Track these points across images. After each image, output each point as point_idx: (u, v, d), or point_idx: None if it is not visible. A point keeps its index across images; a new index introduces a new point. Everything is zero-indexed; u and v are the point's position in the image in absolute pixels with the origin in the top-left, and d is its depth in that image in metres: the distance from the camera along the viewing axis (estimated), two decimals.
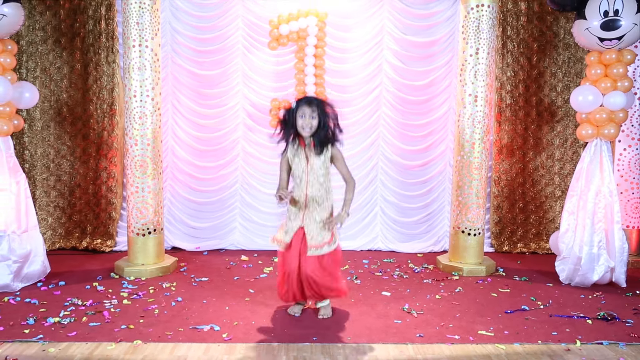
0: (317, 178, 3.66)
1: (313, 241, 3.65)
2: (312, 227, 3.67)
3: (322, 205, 3.69)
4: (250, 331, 3.57)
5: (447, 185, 5.89)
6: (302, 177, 3.67)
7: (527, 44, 5.69)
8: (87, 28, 5.50)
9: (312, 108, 3.58)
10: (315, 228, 3.67)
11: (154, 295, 4.28)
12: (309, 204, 3.68)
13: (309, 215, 3.68)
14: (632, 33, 4.34)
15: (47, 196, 5.66)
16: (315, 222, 3.67)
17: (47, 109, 5.59)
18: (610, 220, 4.59)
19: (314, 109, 3.58)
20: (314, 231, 3.66)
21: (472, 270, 4.97)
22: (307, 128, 3.60)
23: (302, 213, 3.69)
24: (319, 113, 3.59)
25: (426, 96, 5.78)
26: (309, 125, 3.59)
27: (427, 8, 5.64)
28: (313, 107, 3.58)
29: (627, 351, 3.36)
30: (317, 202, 3.68)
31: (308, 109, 3.58)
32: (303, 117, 3.59)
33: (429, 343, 3.42)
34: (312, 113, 3.58)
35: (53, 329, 3.56)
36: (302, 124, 3.59)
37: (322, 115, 3.60)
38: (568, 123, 5.80)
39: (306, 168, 3.66)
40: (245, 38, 5.65)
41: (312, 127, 3.60)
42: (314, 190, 3.67)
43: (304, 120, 3.58)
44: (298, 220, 3.70)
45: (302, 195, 3.68)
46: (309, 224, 3.67)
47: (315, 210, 3.68)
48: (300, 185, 3.68)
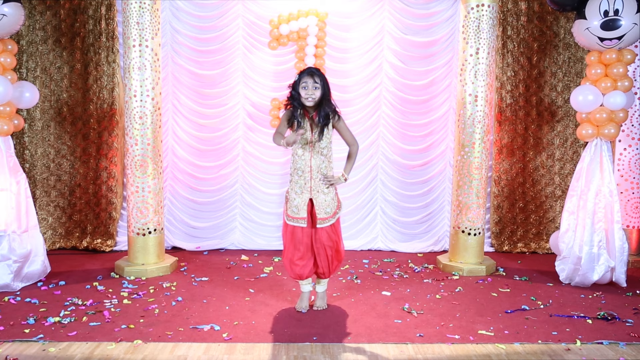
0: (321, 150, 3.75)
1: (323, 213, 3.78)
2: (321, 199, 3.78)
3: (326, 175, 3.79)
4: (250, 331, 3.58)
5: (447, 185, 5.89)
6: (306, 147, 3.75)
7: (528, 44, 5.69)
8: (87, 28, 5.50)
9: (315, 79, 3.66)
10: (324, 200, 3.78)
11: (154, 295, 4.28)
12: (314, 175, 3.76)
13: (315, 188, 3.77)
14: (632, 33, 4.34)
15: (47, 196, 5.67)
16: (323, 193, 3.78)
17: (48, 109, 5.59)
18: (610, 220, 4.59)
19: (316, 80, 3.66)
20: (322, 204, 3.78)
21: (472, 270, 4.98)
22: (310, 98, 3.66)
23: (308, 186, 3.77)
24: (321, 84, 3.67)
25: (426, 96, 5.78)
26: (312, 95, 3.66)
27: (427, 8, 5.64)
28: (315, 77, 3.66)
29: (627, 351, 3.36)
30: (322, 173, 3.77)
31: (310, 79, 3.66)
32: (306, 88, 3.66)
33: (429, 343, 3.43)
34: (314, 83, 3.65)
35: (53, 328, 3.56)
36: (306, 95, 3.66)
37: (324, 86, 3.69)
38: (568, 123, 5.80)
39: (311, 138, 3.73)
40: (245, 38, 5.65)
41: (316, 97, 3.67)
42: (318, 162, 3.76)
43: (307, 91, 3.66)
44: (307, 193, 3.78)
45: (307, 166, 3.76)
46: (317, 197, 3.78)
47: (320, 181, 3.77)
48: (304, 156, 3.77)
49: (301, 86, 3.68)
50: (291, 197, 3.82)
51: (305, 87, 3.66)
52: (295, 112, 3.74)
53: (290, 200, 3.83)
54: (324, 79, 3.72)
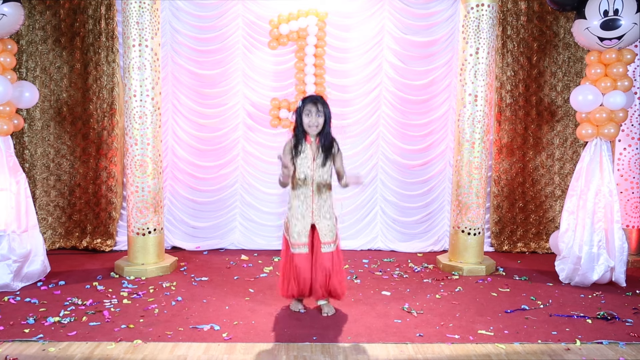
0: (322, 175, 3.77)
1: (326, 238, 3.77)
2: (323, 224, 3.78)
3: (327, 201, 3.81)
4: (250, 331, 3.58)
5: (447, 185, 5.89)
6: (308, 173, 3.75)
7: (527, 44, 5.69)
8: (87, 27, 5.50)
9: (318, 107, 3.68)
10: (326, 226, 3.78)
11: (154, 295, 4.28)
12: (315, 199, 3.77)
13: (318, 213, 3.78)
14: (632, 32, 4.34)
15: (47, 196, 5.67)
16: (326, 219, 3.78)
17: (47, 109, 5.59)
18: (610, 219, 4.59)
19: (319, 108, 3.68)
20: (325, 229, 3.77)
21: (472, 269, 4.98)
22: (313, 126, 3.69)
23: (310, 211, 3.77)
24: (324, 111, 3.70)
25: (426, 96, 5.78)
26: (315, 123, 3.68)
27: (427, 7, 5.64)
28: (319, 105, 3.69)
29: (627, 350, 3.36)
30: (323, 199, 3.79)
31: (314, 107, 3.68)
32: (309, 116, 3.68)
33: (429, 342, 3.42)
34: (317, 112, 3.68)
35: (53, 328, 3.56)
36: (309, 122, 3.68)
37: (327, 114, 3.72)
38: (568, 122, 5.80)
39: (312, 165, 3.75)
40: (245, 38, 5.65)
41: (319, 124, 3.70)
42: (320, 187, 3.77)
43: (310, 119, 3.68)
44: (308, 219, 3.77)
45: (309, 191, 3.77)
46: (319, 222, 3.78)
47: (322, 207, 3.79)
48: (306, 182, 3.76)
49: (304, 113, 3.70)
50: (292, 223, 3.79)
51: (309, 114, 3.68)
52: (298, 140, 3.75)
53: (291, 227, 3.79)
54: (327, 106, 3.74)
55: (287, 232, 3.84)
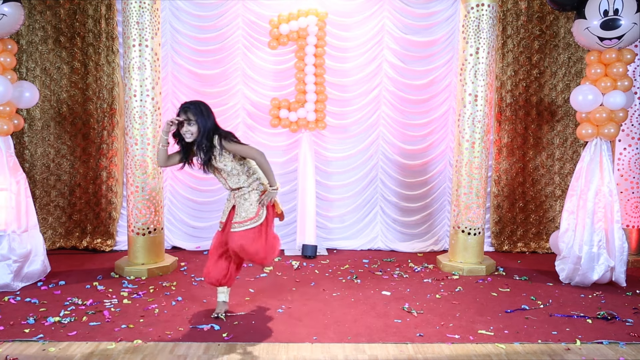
0: (230, 173, 3.56)
1: (238, 217, 3.56)
2: (239, 203, 3.59)
3: (249, 187, 3.59)
4: (250, 330, 3.58)
5: (447, 185, 5.89)
6: (219, 178, 3.63)
7: (528, 44, 5.69)
8: (87, 27, 5.50)
9: (188, 115, 3.43)
10: (242, 206, 3.57)
11: (154, 295, 4.28)
12: (234, 191, 3.63)
13: (239, 196, 3.60)
14: (632, 32, 4.34)
15: (47, 196, 5.67)
16: (245, 201, 3.58)
17: (47, 109, 5.59)
18: (610, 219, 4.59)
19: (189, 116, 3.42)
20: (240, 208, 3.58)
21: (472, 269, 4.97)
22: (187, 135, 3.45)
23: (233, 195, 3.64)
24: (195, 118, 3.42)
25: (426, 95, 5.78)
26: (189, 132, 3.44)
27: (427, 7, 5.64)
28: (188, 113, 3.43)
29: (627, 350, 3.36)
30: (241, 189, 3.59)
31: (184, 115, 3.44)
32: (182, 125, 3.45)
33: (429, 342, 3.42)
34: (188, 120, 3.43)
35: (53, 328, 3.56)
36: (183, 132, 3.46)
37: (200, 119, 3.43)
38: (568, 122, 5.80)
39: (215, 172, 3.60)
40: (245, 37, 5.65)
41: (193, 133, 3.44)
42: (234, 183, 3.59)
43: (183, 128, 3.45)
44: (232, 200, 3.66)
45: (227, 187, 3.65)
46: (240, 203, 3.59)
47: (244, 192, 3.59)
48: (221, 180, 3.64)
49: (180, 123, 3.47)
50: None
51: (182, 123, 3.45)
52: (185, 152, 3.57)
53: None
54: (199, 110, 3.43)
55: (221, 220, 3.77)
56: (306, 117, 5.50)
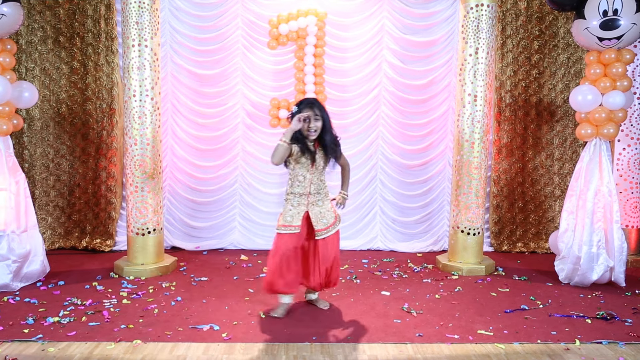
0: (319, 176, 3.79)
1: (320, 225, 3.76)
2: (316, 211, 3.77)
3: (322, 194, 3.81)
4: (249, 331, 3.58)
5: (446, 185, 5.89)
6: (306, 175, 3.74)
7: (527, 44, 5.70)
8: (86, 27, 5.49)
9: (315, 110, 3.63)
10: (319, 212, 3.78)
11: (153, 295, 4.28)
12: (311, 195, 3.78)
13: (312, 202, 3.78)
14: (631, 32, 4.34)
15: (46, 196, 5.66)
16: (319, 207, 3.79)
17: (47, 109, 5.59)
18: (609, 219, 4.59)
19: (316, 111, 3.64)
20: (318, 215, 3.77)
21: (472, 269, 4.98)
22: (312, 130, 3.65)
23: (305, 200, 3.77)
24: (322, 115, 3.66)
25: (426, 95, 5.78)
26: (313, 127, 3.64)
27: (426, 7, 5.64)
28: (315, 109, 3.64)
29: (626, 350, 3.36)
30: (319, 193, 3.80)
31: (311, 111, 3.63)
32: (307, 120, 3.62)
33: (428, 342, 3.42)
34: (315, 115, 3.63)
35: (52, 328, 3.56)
36: (309, 128, 3.64)
37: (325, 116, 3.68)
38: (567, 122, 5.81)
39: (311, 169, 3.73)
40: (244, 37, 5.65)
41: (317, 128, 3.65)
42: (315, 187, 3.78)
43: (308, 124, 3.63)
44: (303, 206, 3.76)
45: (306, 190, 3.76)
46: (313, 209, 3.77)
47: (317, 199, 3.79)
48: (304, 182, 3.75)
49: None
50: (286, 209, 3.79)
51: (307, 119, 3.62)
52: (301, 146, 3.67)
53: (284, 213, 3.79)
54: (323, 108, 3.69)
55: (280, 219, 3.80)
56: None
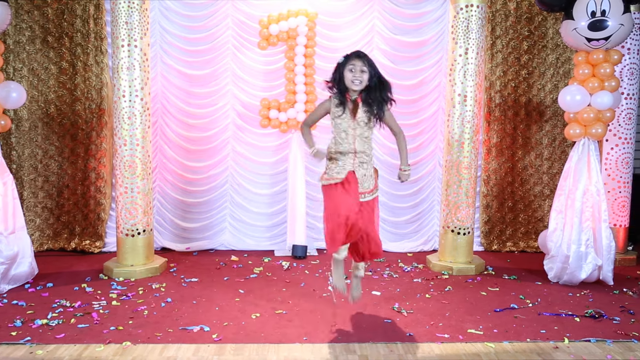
0: (363, 133, 3.51)
1: (363, 187, 3.51)
2: (361, 173, 3.52)
3: (368, 156, 3.56)
4: (240, 331, 3.57)
5: (436, 185, 5.91)
6: (349, 131, 3.49)
7: (516, 44, 5.73)
8: (75, 27, 5.45)
9: (362, 61, 3.42)
10: (363, 175, 3.53)
11: (143, 296, 4.26)
12: (357, 155, 3.52)
13: (358, 164, 3.51)
14: (618, 33, 4.37)
15: (34, 197, 5.62)
16: (364, 170, 3.53)
17: (35, 109, 5.54)
18: (597, 218, 4.63)
19: (364, 62, 3.42)
20: (362, 178, 3.52)
21: (462, 269, 5.00)
22: (357, 82, 3.43)
23: (351, 161, 3.51)
24: (368, 67, 3.43)
25: (416, 96, 5.80)
26: (359, 78, 3.42)
27: (416, 8, 5.65)
28: (363, 60, 3.43)
29: (614, 348, 3.39)
30: (365, 154, 3.54)
31: (359, 61, 3.42)
32: (353, 71, 3.42)
33: (418, 342, 3.43)
34: (362, 66, 3.41)
35: (41, 331, 3.53)
36: (352, 78, 3.42)
37: (371, 69, 3.44)
38: (556, 122, 5.84)
39: (352, 124, 3.48)
40: (235, 38, 5.64)
41: (363, 81, 3.43)
42: (360, 145, 3.51)
43: (354, 74, 3.42)
44: (349, 166, 3.51)
45: (351, 149, 3.50)
46: (359, 170, 3.52)
47: (363, 160, 3.53)
48: (347, 139, 3.49)
49: (347, 68, 3.42)
50: (330, 167, 3.56)
51: (353, 69, 3.41)
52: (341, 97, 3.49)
53: (328, 171, 3.57)
54: (372, 63, 3.47)
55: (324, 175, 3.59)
56: (296, 117, 5.50)
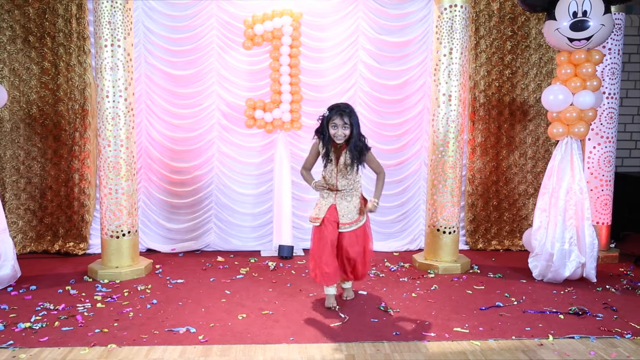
0: (345, 175, 3.88)
1: (344, 219, 3.91)
2: (343, 205, 3.92)
3: (351, 191, 3.94)
4: (226, 332, 3.55)
5: (422, 184, 5.94)
6: (332, 174, 3.90)
7: (500, 44, 5.77)
8: (57, 27, 5.39)
9: (344, 119, 3.74)
10: (346, 207, 3.92)
11: (128, 298, 4.22)
12: (339, 192, 3.93)
13: (340, 196, 3.93)
14: (600, 34, 4.43)
15: (17, 199, 5.54)
16: (346, 202, 3.93)
17: (17, 110, 5.47)
18: (580, 217, 4.68)
19: (345, 120, 3.74)
20: (344, 210, 3.92)
21: (448, 268, 5.03)
22: (340, 137, 3.79)
23: (334, 194, 3.93)
24: (351, 122, 3.75)
25: (401, 95, 5.82)
26: (342, 135, 3.78)
27: (401, 8, 5.68)
28: (345, 117, 3.74)
29: (597, 344, 3.43)
30: (347, 190, 3.93)
31: (340, 120, 3.74)
32: (335, 128, 3.76)
33: (405, 341, 3.45)
34: (344, 124, 3.75)
35: (24, 334, 3.48)
36: (335, 134, 3.77)
37: (354, 124, 3.77)
38: (540, 122, 5.90)
39: (335, 168, 3.88)
40: (219, 38, 5.62)
41: (345, 136, 3.79)
42: (343, 184, 3.90)
43: (336, 131, 3.76)
44: (331, 199, 3.94)
45: (334, 185, 3.92)
46: (340, 203, 3.93)
47: (346, 193, 3.93)
48: (331, 179, 3.91)
49: (330, 125, 3.77)
50: (319, 201, 3.99)
51: (335, 127, 3.76)
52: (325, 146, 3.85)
53: (316, 206, 4.00)
54: (355, 116, 3.80)
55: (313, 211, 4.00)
56: (281, 117, 5.49)
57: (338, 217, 3.90)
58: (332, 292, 4.03)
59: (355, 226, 3.93)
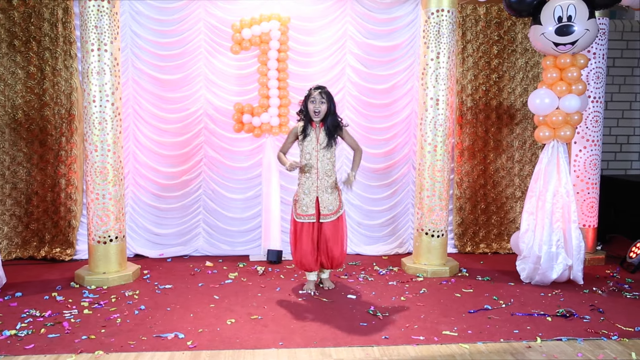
0: (326, 154, 4.32)
1: (326, 210, 4.35)
2: (325, 197, 4.35)
3: (330, 176, 4.37)
4: (215, 338, 3.54)
5: (410, 188, 5.95)
6: (313, 153, 4.32)
7: (487, 48, 5.82)
8: (43, 31, 5.34)
9: (322, 95, 4.25)
10: (327, 198, 4.35)
11: (116, 304, 4.19)
12: (320, 176, 4.33)
13: (321, 187, 4.34)
14: (584, 38, 4.48)
15: (2, 205, 5.48)
16: (327, 193, 4.35)
17: (2, 115, 5.41)
18: (567, 219, 4.72)
19: (323, 96, 4.25)
20: (326, 201, 4.34)
21: (436, 271, 5.04)
22: (317, 111, 4.25)
23: (315, 186, 4.34)
24: (327, 98, 4.26)
25: (389, 99, 5.84)
26: (319, 109, 4.24)
27: (388, 13, 5.70)
28: (323, 94, 4.25)
29: (584, 346, 3.46)
30: (327, 174, 4.35)
31: (318, 95, 4.24)
32: (314, 102, 4.25)
33: (394, 345, 3.45)
34: (321, 99, 4.24)
35: (9, 342, 3.44)
36: (314, 108, 4.25)
37: (329, 101, 4.28)
38: (526, 125, 5.95)
39: (317, 146, 4.30)
40: (207, 42, 5.60)
41: (322, 110, 4.25)
42: (324, 165, 4.33)
43: (314, 105, 4.25)
44: (313, 193, 4.34)
45: (314, 169, 4.33)
46: (322, 195, 4.34)
47: (325, 181, 4.34)
48: (311, 160, 4.32)
49: (310, 101, 4.26)
50: (300, 197, 4.37)
51: (313, 101, 4.24)
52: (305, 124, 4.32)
53: (299, 201, 4.37)
54: (330, 95, 4.30)
55: (295, 206, 4.40)
56: (270, 121, 5.48)
57: (320, 208, 4.33)
58: (312, 279, 4.53)
59: (335, 217, 4.36)
